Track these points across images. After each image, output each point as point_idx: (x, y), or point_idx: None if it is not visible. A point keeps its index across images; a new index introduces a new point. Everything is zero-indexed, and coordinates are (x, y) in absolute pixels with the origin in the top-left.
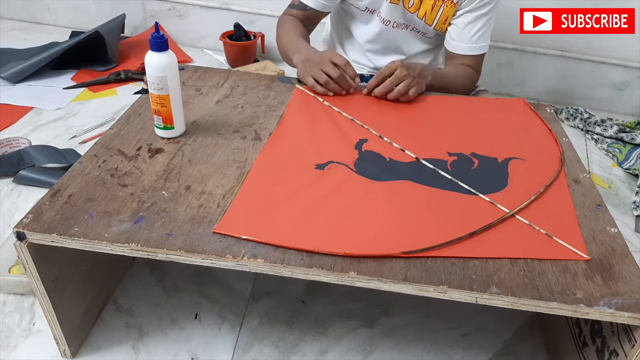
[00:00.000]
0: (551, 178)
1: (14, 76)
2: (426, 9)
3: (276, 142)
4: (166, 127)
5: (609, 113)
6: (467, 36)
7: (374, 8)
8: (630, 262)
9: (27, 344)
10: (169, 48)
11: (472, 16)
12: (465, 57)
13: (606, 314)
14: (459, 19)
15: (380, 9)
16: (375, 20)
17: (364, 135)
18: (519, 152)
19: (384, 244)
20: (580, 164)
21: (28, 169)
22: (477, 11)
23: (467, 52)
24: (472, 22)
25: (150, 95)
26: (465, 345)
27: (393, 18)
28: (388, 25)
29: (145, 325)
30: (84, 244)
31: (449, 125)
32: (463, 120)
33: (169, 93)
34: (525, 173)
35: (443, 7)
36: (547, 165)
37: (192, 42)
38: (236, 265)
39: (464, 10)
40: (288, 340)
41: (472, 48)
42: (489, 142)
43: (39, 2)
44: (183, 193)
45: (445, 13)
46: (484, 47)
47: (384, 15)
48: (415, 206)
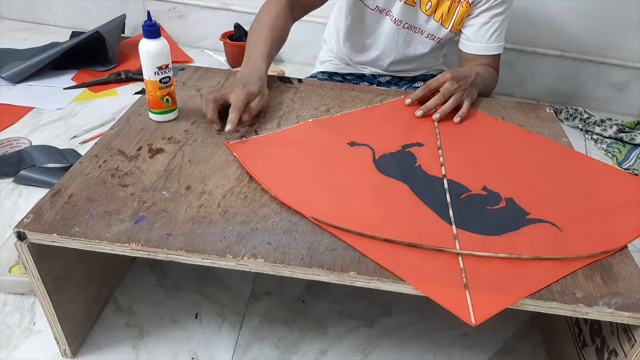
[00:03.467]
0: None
1: (15, 76)
2: (442, 10)
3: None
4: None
5: (609, 113)
6: (485, 37)
7: (386, 8)
8: (629, 262)
9: (27, 344)
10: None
11: (488, 16)
12: (485, 58)
13: (606, 314)
14: (475, 19)
15: (392, 9)
16: (386, 20)
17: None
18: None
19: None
20: None
21: (28, 169)
22: (493, 10)
23: (487, 53)
24: (488, 22)
25: (147, 83)
26: (465, 345)
27: (405, 19)
28: (399, 26)
29: (146, 325)
30: (84, 244)
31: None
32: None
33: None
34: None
35: (459, 8)
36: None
37: (193, 42)
38: (236, 265)
39: (480, 10)
40: (288, 340)
41: (491, 48)
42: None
43: (39, 2)
44: (183, 193)
45: (461, 14)
46: (500, 47)
47: (396, 16)
48: (384, 199)
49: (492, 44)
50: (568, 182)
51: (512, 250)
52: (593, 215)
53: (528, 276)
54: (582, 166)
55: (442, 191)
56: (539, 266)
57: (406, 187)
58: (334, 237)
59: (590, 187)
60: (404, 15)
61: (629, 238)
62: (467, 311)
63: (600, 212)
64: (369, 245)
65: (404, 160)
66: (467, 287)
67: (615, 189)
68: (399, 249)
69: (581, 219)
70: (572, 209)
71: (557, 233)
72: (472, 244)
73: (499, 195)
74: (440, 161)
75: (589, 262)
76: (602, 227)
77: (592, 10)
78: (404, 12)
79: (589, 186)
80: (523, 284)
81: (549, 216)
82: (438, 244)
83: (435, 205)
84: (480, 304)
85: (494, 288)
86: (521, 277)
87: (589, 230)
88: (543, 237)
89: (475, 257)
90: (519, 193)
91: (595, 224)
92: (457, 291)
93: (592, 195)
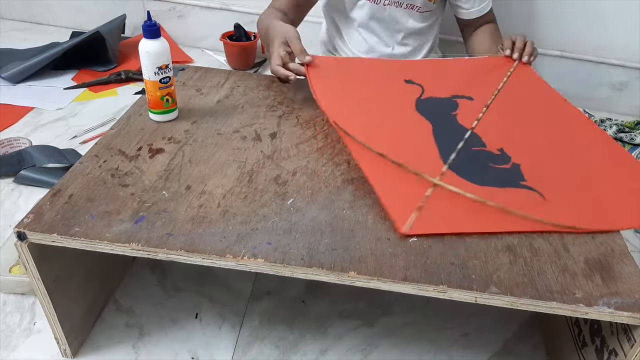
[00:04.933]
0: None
1: (15, 76)
2: None
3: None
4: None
5: (608, 113)
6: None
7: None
8: (629, 262)
9: (27, 344)
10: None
11: None
12: (486, 16)
13: (605, 314)
14: None
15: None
16: (365, 2)
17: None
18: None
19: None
20: None
21: (29, 169)
22: None
23: (484, 12)
24: None
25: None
26: (465, 345)
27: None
28: (379, 4)
29: (146, 325)
30: (84, 243)
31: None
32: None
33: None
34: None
35: None
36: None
37: (193, 42)
38: (236, 265)
39: None
40: (288, 340)
41: (484, 7)
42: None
43: (39, 2)
44: (183, 193)
45: None
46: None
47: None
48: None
49: (483, 2)
50: (586, 167)
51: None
52: (587, 194)
53: (482, 218)
54: (612, 156)
55: (460, 139)
56: (499, 215)
57: (429, 127)
58: (334, 237)
59: (603, 174)
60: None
61: (619, 225)
62: (404, 221)
63: (598, 195)
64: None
65: (444, 107)
66: (419, 209)
67: (625, 176)
68: (387, 165)
69: (572, 196)
70: (571, 189)
71: (540, 201)
72: (452, 183)
73: (510, 159)
74: (479, 116)
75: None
76: (592, 206)
77: (592, 10)
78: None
79: (603, 173)
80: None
81: (542, 188)
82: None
83: (444, 148)
84: (420, 221)
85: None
86: (474, 217)
87: (576, 205)
88: (522, 199)
89: (445, 192)
90: (529, 163)
91: (586, 203)
92: (407, 206)
93: (600, 182)
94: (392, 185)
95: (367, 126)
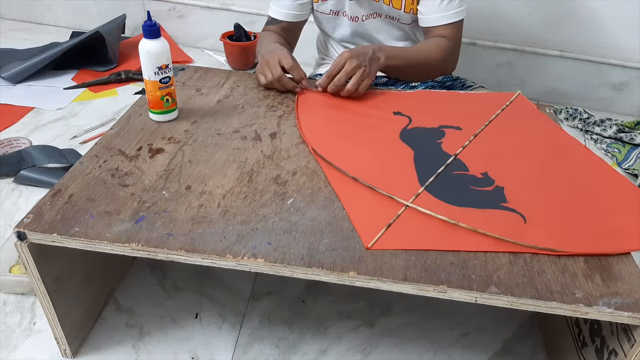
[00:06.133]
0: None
1: (15, 76)
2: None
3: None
4: (169, 110)
5: (609, 113)
6: (435, 5)
7: (338, 9)
8: (629, 261)
9: (27, 344)
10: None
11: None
12: (439, 28)
13: (605, 314)
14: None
15: (344, 9)
16: (344, 20)
17: (466, 126)
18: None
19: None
20: None
21: (29, 169)
22: None
23: (440, 22)
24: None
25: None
26: (464, 345)
27: (360, 12)
28: (358, 21)
29: (146, 325)
30: (84, 243)
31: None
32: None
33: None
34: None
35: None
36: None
37: (193, 42)
38: (236, 265)
39: None
40: (288, 340)
41: (443, 17)
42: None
43: (39, 2)
44: (183, 193)
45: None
46: (458, 14)
47: (350, 14)
48: (381, 155)
49: (446, 11)
50: (572, 193)
51: (462, 222)
52: (573, 218)
53: (455, 238)
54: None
55: (441, 164)
56: (474, 236)
57: (411, 153)
58: (334, 237)
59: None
60: (357, 10)
61: (604, 249)
62: (371, 236)
63: (586, 219)
64: (339, 179)
65: (429, 135)
66: (387, 227)
67: (616, 199)
68: (360, 189)
69: (555, 219)
70: (555, 212)
71: (519, 222)
72: (427, 205)
73: (493, 182)
74: (464, 144)
75: (538, 253)
76: (576, 230)
77: (592, 10)
78: (356, 8)
79: (593, 197)
80: (442, 241)
81: (524, 210)
82: (393, 194)
83: (423, 172)
84: (387, 237)
85: (410, 234)
86: (446, 236)
87: (559, 228)
88: (499, 220)
89: (418, 213)
90: (514, 186)
91: (570, 226)
92: (376, 223)
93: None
94: (363, 205)
95: (346, 153)
